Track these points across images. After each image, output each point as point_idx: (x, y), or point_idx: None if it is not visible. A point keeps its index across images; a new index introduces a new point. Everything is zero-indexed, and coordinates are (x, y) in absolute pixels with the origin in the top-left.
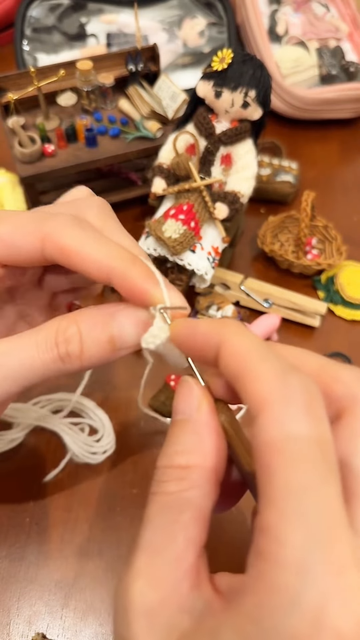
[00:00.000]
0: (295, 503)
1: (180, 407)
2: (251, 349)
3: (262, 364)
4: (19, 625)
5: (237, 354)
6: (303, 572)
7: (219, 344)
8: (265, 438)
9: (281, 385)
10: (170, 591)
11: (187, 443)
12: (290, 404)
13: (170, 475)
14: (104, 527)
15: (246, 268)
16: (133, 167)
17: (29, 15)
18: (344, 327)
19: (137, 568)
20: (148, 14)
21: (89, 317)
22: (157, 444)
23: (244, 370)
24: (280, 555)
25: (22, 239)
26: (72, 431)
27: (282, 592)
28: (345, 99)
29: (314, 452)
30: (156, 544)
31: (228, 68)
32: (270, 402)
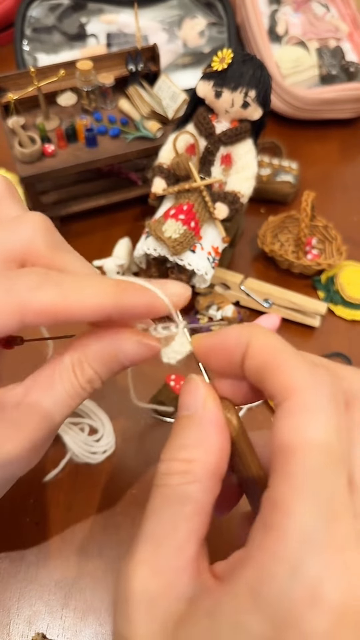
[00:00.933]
0: (310, 482)
1: (186, 403)
2: (280, 344)
3: (292, 356)
4: (19, 625)
5: (267, 347)
6: (306, 543)
7: (247, 343)
8: (290, 420)
9: (310, 375)
10: (171, 580)
11: (192, 438)
12: (317, 393)
13: (173, 469)
14: (104, 527)
15: (246, 268)
16: (133, 167)
17: (29, 15)
18: (344, 327)
19: (139, 557)
20: (148, 14)
21: (99, 354)
22: (157, 444)
23: (273, 361)
24: (286, 525)
25: None
26: (72, 431)
27: (284, 560)
28: (345, 99)
29: (334, 440)
30: (159, 535)
31: (228, 68)
32: (298, 388)
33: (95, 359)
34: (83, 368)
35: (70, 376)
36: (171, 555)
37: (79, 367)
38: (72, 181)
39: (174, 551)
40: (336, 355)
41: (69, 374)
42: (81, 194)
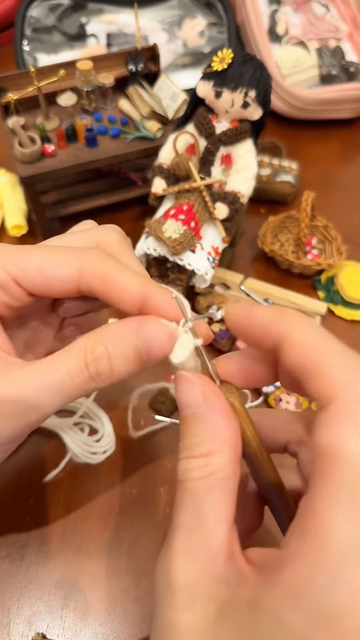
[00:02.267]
0: (351, 494)
1: (186, 401)
2: (319, 341)
3: (335, 357)
4: (19, 625)
5: (305, 346)
6: (346, 553)
7: (281, 335)
8: (333, 429)
9: (356, 380)
10: (207, 565)
11: (204, 433)
12: None
13: (194, 464)
14: (104, 527)
15: (246, 268)
16: (133, 167)
17: (29, 15)
18: (344, 327)
19: (175, 548)
20: (148, 14)
21: (114, 334)
22: (156, 444)
23: (315, 363)
24: (327, 535)
25: (60, 270)
26: (72, 431)
27: (326, 567)
28: (345, 99)
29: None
30: (190, 525)
31: (228, 68)
32: (342, 395)
33: (111, 338)
34: (94, 345)
35: (79, 352)
36: (204, 542)
37: (92, 345)
38: (72, 181)
39: (205, 538)
40: None
41: (78, 349)
42: (81, 194)
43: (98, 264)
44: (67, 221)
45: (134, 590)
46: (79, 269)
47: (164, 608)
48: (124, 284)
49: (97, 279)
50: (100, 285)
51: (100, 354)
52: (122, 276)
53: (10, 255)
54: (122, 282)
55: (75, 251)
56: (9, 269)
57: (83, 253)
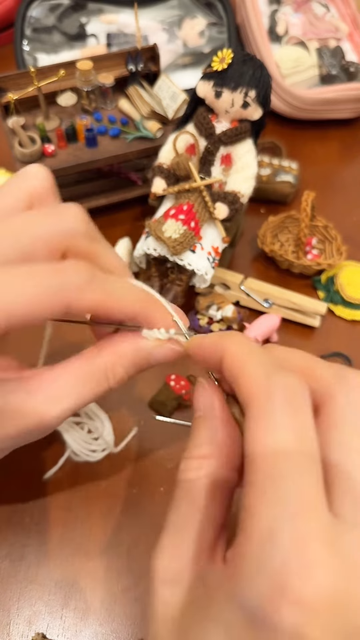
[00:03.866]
0: (274, 485)
1: (198, 405)
2: (246, 353)
3: (253, 365)
4: (19, 625)
5: (235, 358)
6: (269, 543)
7: (222, 352)
8: (250, 430)
9: (265, 382)
10: (189, 564)
11: (204, 436)
12: (271, 399)
13: (190, 465)
14: (104, 527)
15: (246, 268)
16: (133, 167)
17: (29, 15)
18: (344, 327)
19: (162, 546)
20: (148, 14)
21: (131, 358)
22: (156, 443)
23: (238, 371)
24: (252, 527)
25: (38, 310)
26: (71, 428)
27: (251, 560)
28: (345, 99)
29: (292, 442)
30: (178, 524)
31: (228, 68)
32: (255, 397)
33: (129, 361)
34: (115, 370)
35: (101, 376)
36: (189, 543)
37: (112, 370)
38: (72, 181)
39: (191, 539)
40: (336, 355)
41: (99, 373)
42: (81, 194)
43: (86, 298)
44: None
45: (134, 590)
46: (66, 305)
47: (149, 599)
48: (122, 307)
49: (90, 309)
50: (95, 312)
51: (122, 378)
52: (113, 302)
53: None
54: (116, 308)
55: (55, 287)
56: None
57: (65, 289)
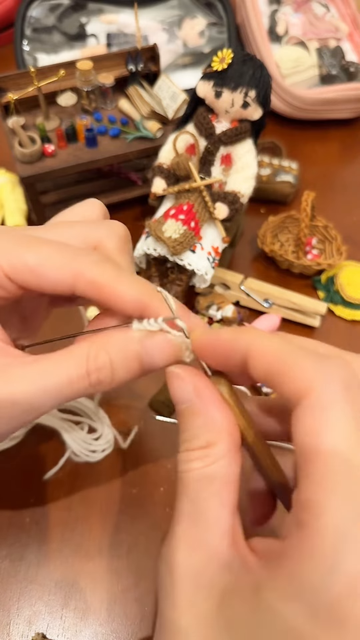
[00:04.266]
0: (336, 481)
1: (180, 397)
2: (281, 346)
3: (297, 356)
4: (19, 625)
5: (269, 353)
6: (342, 541)
7: (246, 348)
8: (309, 422)
9: (320, 372)
10: (211, 552)
11: (200, 425)
12: (330, 389)
13: (193, 456)
14: (104, 527)
15: (246, 268)
16: (133, 167)
17: (29, 15)
18: (344, 327)
19: (178, 535)
20: (148, 14)
21: (118, 343)
22: (156, 443)
23: (279, 365)
24: (322, 526)
25: (53, 272)
26: (71, 429)
27: (323, 558)
28: (345, 99)
29: (355, 436)
30: (192, 512)
31: (228, 68)
32: (310, 389)
33: (115, 347)
34: (98, 354)
35: (81, 358)
36: (207, 529)
37: (94, 352)
38: (72, 181)
39: (209, 525)
40: None
41: (80, 356)
42: (81, 194)
43: (94, 271)
44: None
45: (134, 590)
46: (74, 275)
47: (167, 596)
48: (121, 293)
49: (92, 288)
50: (95, 294)
51: (103, 363)
52: (118, 285)
53: (3, 248)
54: (119, 291)
55: (71, 253)
56: (2, 265)
57: (79, 257)
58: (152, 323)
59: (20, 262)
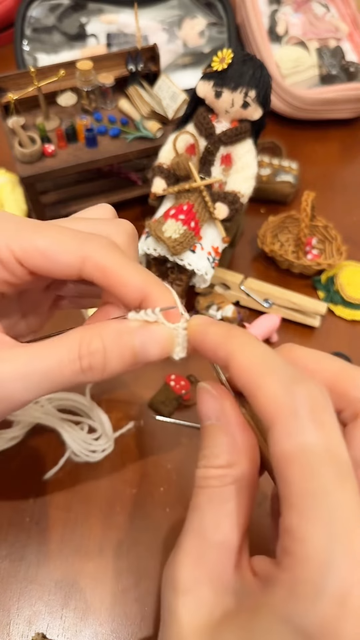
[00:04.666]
0: (313, 507)
1: (206, 413)
2: (258, 362)
3: (269, 377)
4: (19, 625)
5: (246, 368)
6: (325, 567)
7: (228, 355)
8: (278, 450)
9: (287, 398)
10: (216, 571)
11: (222, 444)
12: (296, 415)
13: (212, 473)
14: (104, 527)
15: (246, 268)
16: (133, 167)
17: (29, 15)
18: (344, 327)
19: (185, 550)
20: (148, 14)
21: (113, 331)
22: (156, 443)
23: (252, 385)
24: (304, 553)
25: (63, 255)
26: (71, 429)
27: (309, 584)
28: (345, 99)
29: (324, 458)
30: (203, 529)
31: (228, 68)
32: (278, 415)
33: (110, 334)
34: (92, 339)
35: (74, 342)
36: (216, 548)
37: (89, 337)
38: (72, 181)
39: (218, 544)
40: (336, 355)
41: (73, 340)
42: (81, 194)
43: (101, 255)
44: None
45: (134, 590)
46: (82, 257)
47: (170, 609)
48: (126, 279)
49: (98, 271)
50: (101, 277)
51: (97, 349)
52: (124, 271)
53: (15, 233)
54: (124, 276)
55: (80, 237)
56: (12, 247)
57: (88, 240)
58: (149, 313)
59: (31, 245)
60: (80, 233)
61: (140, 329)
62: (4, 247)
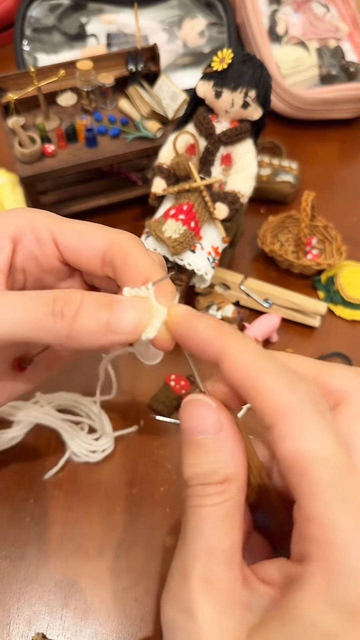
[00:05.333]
0: (333, 494)
1: (201, 426)
2: (254, 361)
3: (268, 375)
4: (19, 625)
5: (242, 367)
6: (356, 549)
7: (221, 351)
8: (288, 447)
9: (290, 395)
10: (231, 593)
11: (220, 460)
12: (303, 412)
13: (210, 491)
14: (104, 527)
15: (246, 268)
16: (133, 167)
17: (29, 15)
18: (344, 327)
19: (195, 575)
20: (148, 14)
21: (97, 295)
22: (156, 443)
23: (251, 383)
24: (336, 538)
25: (96, 239)
26: (71, 429)
27: (348, 567)
28: (345, 99)
29: (337, 450)
30: (207, 551)
31: (228, 68)
32: (283, 413)
33: (93, 295)
34: (74, 292)
35: (55, 291)
36: (223, 568)
37: (71, 290)
38: (72, 181)
39: (224, 564)
40: (336, 355)
41: (58, 290)
42: (81, 194)
43: (126, 242)
44: None
45: (134, 590)
46: (110, 243)
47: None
48: (140, 264)
49: (120, 254)
50: (120, 260)
51: (75, 299)
52: (141, 258)
53: (56, 219)
54: (140, 262)
55: (110, 229)
56: (51, 229)
57: (116, 231)
58: (143, 289)
59: (68, 228)
60: (107, 227)
61: (122, 301)
62: (45, 227)
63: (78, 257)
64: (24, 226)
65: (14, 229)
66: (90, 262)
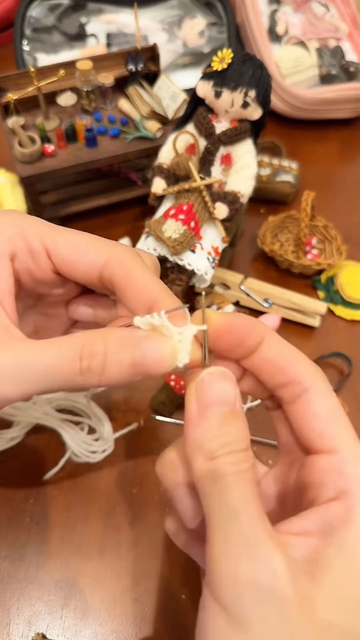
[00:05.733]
0: None
1: (224, 398)
2: (286, 342)
3: (299, 353)
4: (19, 625)
5: (282, 348)
6: None
7: (262, 334)
8: (316, 422)
9: (315, 369)
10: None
11: (242, 430)
12: (325, 381)
13: (240, 457)
14: (104, 527)
15: (246, 268)
16: (133, 167)
17: (29, 15)
18: (344, 327)
19: (267, 536)
20: (148, 14)
21: (116, 337)
22: (156, 443)
23: (289, 355)
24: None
25: (92, 251)
26: (71, 429)
27: None
28: (345, 99)
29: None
30: (262, 513)
31: (228, 68)
32: (315, 381)
33: (113, 340)
34: (96, 341)
35: (77, 342)
36: (270, 528)
37: (92, 339)
38: (72, 181)
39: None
40: (336, 355)
41: (76, 340)
42: (81, 194)
43: (125, 258)
44: (67, 221)
45: (134, 590)
46: (108, 258)
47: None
48: (143, 282)
49: (120, 271)
50: (121, 277)
51: (98, 351)
52: (143, 275)
53: (49, 229)
54: (142, 280)
55: (106, 241)
56: (44, 240)
57: (114, 245)
58: (155, 317)
59: (63, 239)
60: (104, 239)
61: (144, 339)
62: (37, 238)
63: (74, 270)
64: (16, 238)
65: (8, 244)
66: (87, 275)
